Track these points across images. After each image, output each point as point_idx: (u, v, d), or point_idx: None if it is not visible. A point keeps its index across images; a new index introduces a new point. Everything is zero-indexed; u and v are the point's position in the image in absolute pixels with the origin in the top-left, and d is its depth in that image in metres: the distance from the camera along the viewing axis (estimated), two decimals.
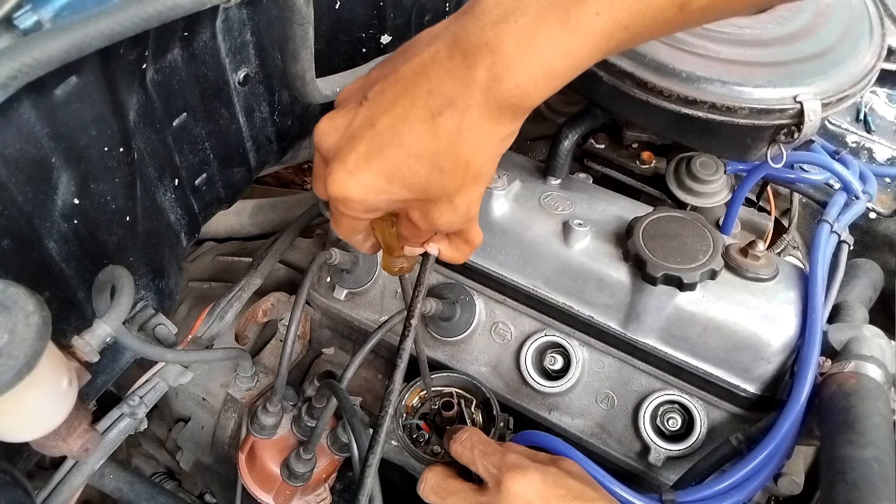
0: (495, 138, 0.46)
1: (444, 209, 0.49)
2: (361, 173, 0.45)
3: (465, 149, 0.45)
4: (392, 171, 0.45)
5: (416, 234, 0.54)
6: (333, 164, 0.46)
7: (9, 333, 0.42)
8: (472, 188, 0.48)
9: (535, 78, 0.43)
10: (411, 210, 0.50)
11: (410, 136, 0.44)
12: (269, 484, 0.90)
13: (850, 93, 0.75)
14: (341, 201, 0.47)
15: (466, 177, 0.46)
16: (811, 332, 0.72)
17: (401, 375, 0.65)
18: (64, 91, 0.55)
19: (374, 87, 0.46)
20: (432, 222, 0.50)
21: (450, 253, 0.58)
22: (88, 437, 0.55)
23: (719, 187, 0.89)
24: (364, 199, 0.46)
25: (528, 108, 0.45)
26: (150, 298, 0.80)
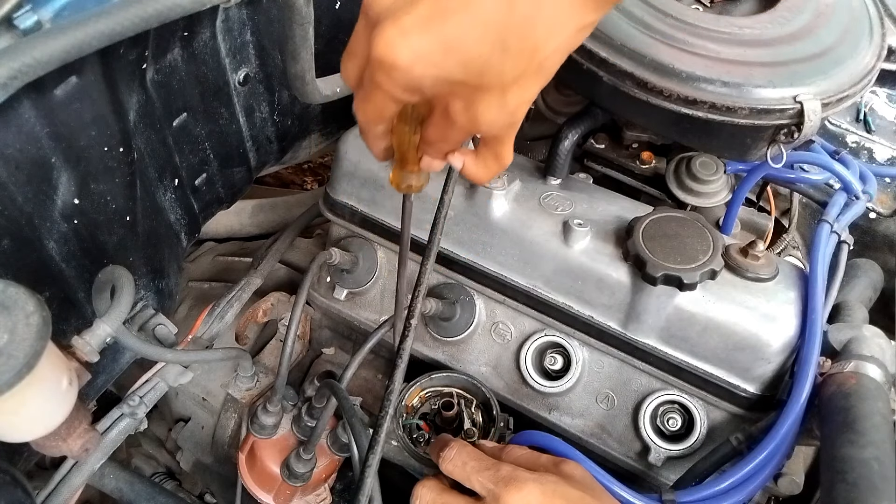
0: (572, 25, 0.42)
1: (492, 102, 0.44)
2: (417, 36, 0.41)
3: (538, 28, 0.41)
4: (452, 40, 0.41)
5: (445, 135, 0.49)
6: (385, 23, 0.41)
7: (9, 333, 0.42)
8: (530, 82, 0.44)
9: None
10: (453, 100, 0.45)
11: (483, 4, 0.40)
12: (269, 484, 0.90)
13: (850, 93, 0.75)
14: (385, 67, 0.42)
15: (530, 64, 0.43)
16: (811, 332, 0.72)
17: (401, 375, 0.65)
18: (64, 91, 0.55)
19: None
20: (475, 117, 0.45)
21: (475, 169, 0.53)
22: (88, 437, 0.55)
23: (719, 187, 0.89)
24: (411, 68, 0.41)
25: None
26: (150, 298, 0.80)
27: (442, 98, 0.46)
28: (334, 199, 0.90)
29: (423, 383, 0.87)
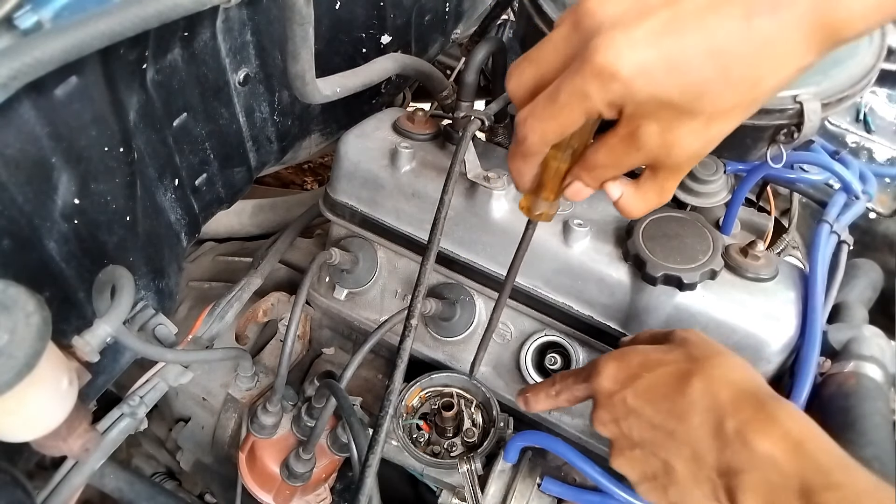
0: (797, 61, 0.41)
1: (694, 129, 0.43)
2: (645, 49, 0.40)
3: (765, 62, 0.41)
4: (679, 59, 0.40)
5: (619, 160, 0.46)
6: (613, 31, 0.40)
7: (9, 333, 0.42)
8: (738, 114, 0.43)
9: (865, 7, 0.40)
10: (649, 122, 0.43)
11: (717, 28, 0.40)
12: (269, 484, 0.90)
13: (850, 93, 0.75)
14: (604, 77, 0.41)
15: (746, 97, 0.42)
16: (811, 332, 0.72)
17: (401, 375, 0.65)
18: (64, 91, 0.55)
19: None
20: (671, 142, 0.44)
21: (633, 201, 0.51)
22: (88, 437, 0.55)
23: (719, 187, 0.89)
24: (632, 80, 0.40)
25: (841, 40, 0.41)
26: (151, 298, 0.80)
27: (636, 118, 0.44)
28: (334, 199, 0.90)
29: (423, 383, 0.87)
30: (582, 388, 0.65)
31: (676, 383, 0.56)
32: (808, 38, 0.41)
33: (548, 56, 0.44)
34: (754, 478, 0.49)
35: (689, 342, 0.61)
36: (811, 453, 0.48)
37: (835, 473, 0.47)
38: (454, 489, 0.80)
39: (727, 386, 0.54)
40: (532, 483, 0.77)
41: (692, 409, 0.54)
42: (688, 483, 0.54)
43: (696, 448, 0.53)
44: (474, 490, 0.76)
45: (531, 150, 0.48)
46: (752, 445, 0.50)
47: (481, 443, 0.82)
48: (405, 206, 0.85)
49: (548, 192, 0.53)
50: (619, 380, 0.59)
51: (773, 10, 0.40)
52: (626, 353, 0.62)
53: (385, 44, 1.02)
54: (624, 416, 0.58)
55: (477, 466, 0.77)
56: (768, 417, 0.51)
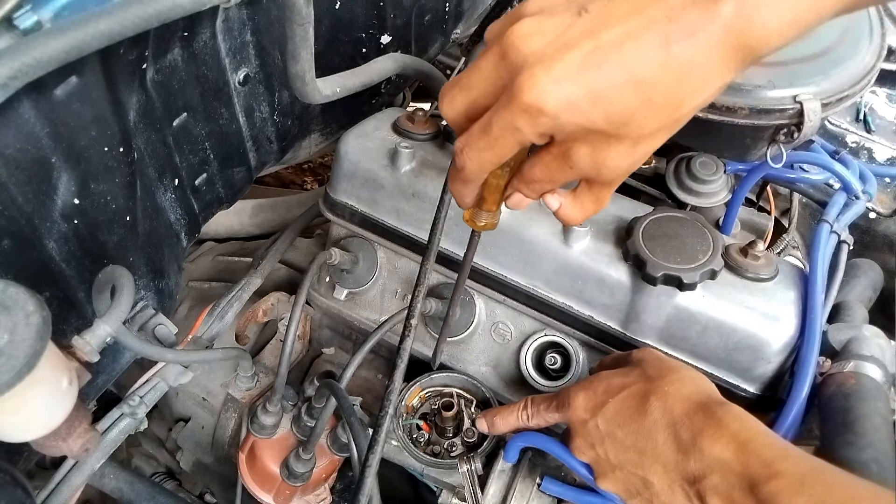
0: (717, 82, 0.43)
1: (622, 151, 0.45)
2: (569, 84, 0.41)
3: (685, 86, 0.42)
4: (602, 91, 0.41)
5: (554, 176, 0.48)
6: (536, 68, 0.41)
7: (9, 333, 0.42)
8: (663, 134, 0.45)
9: (780, 23, 0.40)
10: (580, 144, 0.45)
11: (637, 59, 0.41)
12: (269, 484, 0.90)
13: (850, 93, 0.75)
14: (531, 113, 0.42)
15: (669, 119, 0.43)
16: (810, 331, 0.72)
17: (401, 375, 0.65)
18: (64, 91, 0.55)
19: (594, 1, 0.43)
20: (600, 163, 0.45)
21: (571, 210, 0.53)
22: (88, 437, 0.55)
23: (719, 187, 0.89)
24: (558, 114, 0.42)
25: (759, 57, 0.42)
26: (150, 298, 0.80)
27: (567, 142, 0.45)
28: (334, 199, 0.90)
29: (423, 383, 0.87)
30: (555, 416, 0.70)
31: (637, 405, 0.62)
32: (725, 60, 0.42)
33: (477, 84, 0.46)
34: (714, 480, 0.55)
35: (644, 362, 0.67)
36: (755, 450, 0.54)
37: (776, 464, 0.52)
38: (454, 489, 0.80)
39: (681, 401, 0.60)
40: (532, 483, 0.77)
41: (654, 428, 0.60)
42: (666, 494, 0.60)
43: (664, 463, 0.59)
44: (474, 490, 0.76)
45: (470, 177, 0.50)
46: (706, 451, 0.56)
47: (481, 443, 0.82)
48: (405, 206, 0.85)
49: (489, 205, 0.55)
50: (588, 408, 0.65)
51: (690, 36, 0.40)
52: (592, 382, 0.67)
53: (385, 44, 1.02)
54: (599, 441, 0.64)
55: (477, 466, 0.77)
56: (717, 424, 0.57)
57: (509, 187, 0.53)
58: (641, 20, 0.41)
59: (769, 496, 0.51)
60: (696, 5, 0.40)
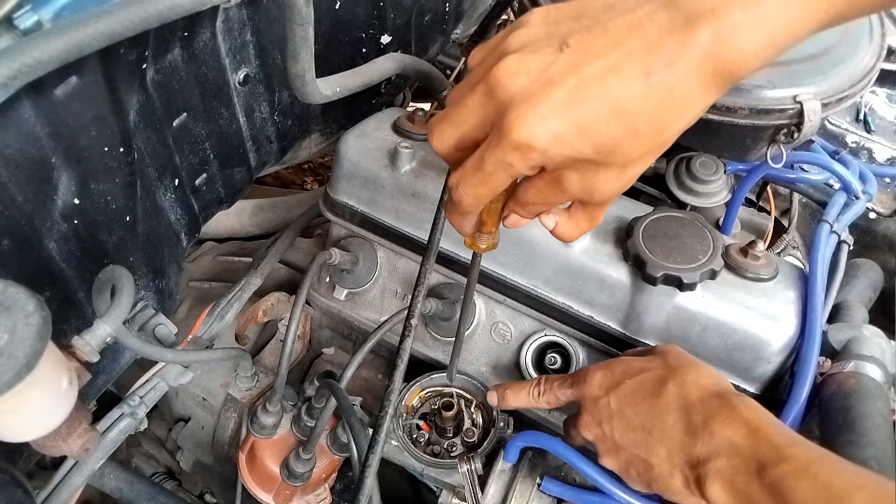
0: (698, 105, 0.44)
1: (611, 176, 0.46)
2: (556, 121, 0.42)
3: (668, 113, 0.43)
4: (589, 124, 0.43)
5: (547, 200, 0.50)
6: (523, 106, 0.43)
7: (9, 333, 0.42)
8: (649, 158, 0.46)
9: (757, 47, 0.41)
10: (570, 172, 0.46)
11: (620, 91, 0.42)
12: (269, 484, 0.90)
13: (850, 93, 0.75)
14: (522, 149, 0.44)
15: (655, 144, 0.45)
16: (810, 331, 0.72)
17: (401, 375, 0.65)
18: (64, 91, 0.55)
19: (573, 35, 0.44)
20: (590, 188, 0.47)
21: (566, 228, 0.55)
22: (88, 437, 0.55)
23: (719, 187, 0.89)
24: (548, 149, 0.43)
25: (738, 79, 0.43)
26: (150, 298, 0.80)
27: (558, 171, 0.47)
28: (334, 199, 0.90)
29: (423, 383, 0.87)
30: (568, 392, 0.71)
31: (654, 387, 0.64)
32: (705, 85, 0.43)
33: (465, 119, 0.47)
34: (719, 464, 0.56)
35: (667, 353, 0.69)
36: (767, 436, 0.56)
37: (786, 449, 0.54)
38: (454, 489, 0.80)
39: (697, 388, 0.62)
40: (532, 483, 0.77)
41: (667, 410, 0.62)
42: (664, 478, 0.61)
43: (669, 446, 0.61)
44: (474, 490, 0.76)
45: (468, 210, 0.52)
46: (717, 434, 0.58)
47: (481, 443, 0.82)
48: (405, 206, 0.85)
49: (489, 227, 0.56)
50: (604, 385, 0.67)
51: (670, 65, 0.42)
52: (611, 363, 0.70)
53: (385, 44, 1.02)
54: (607, 418, 0.65)
55: (477, 466, 0.77)
56: (731, 410, 0.59)
57: (506, 209, 0.55)
58: (621, 53, 0.42)
59: (776, 479, 0.52)
60: (673, 35, 0.41)
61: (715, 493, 0.56)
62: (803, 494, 0.50)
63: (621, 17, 0.43)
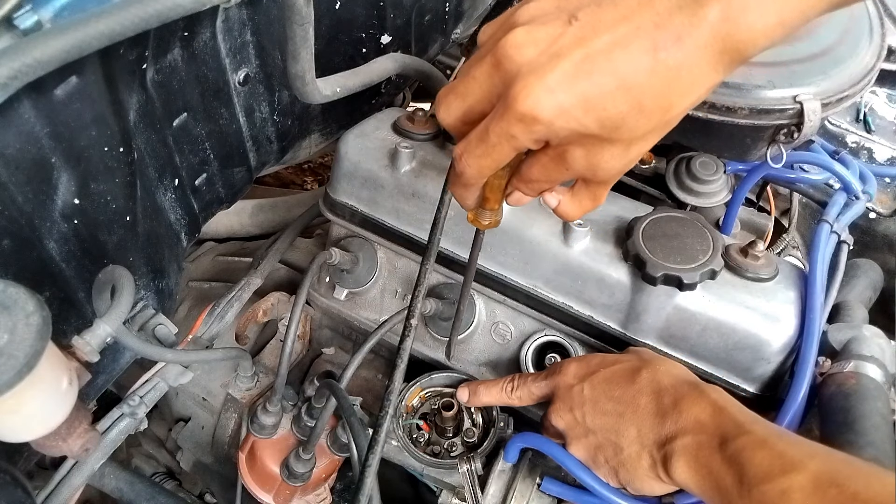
0: (706, 84, 0.44)
1: (615, 153, 0.46)
2: (562, 93, 0.42)
3: (675, 90, 0.43)
4: (594, 98, 0.42)
5: (551, 176, 0.50)
6: (530, 78, 0.43)
7: (9, 333, 0.42)
8: (655, 135, 0.46)
9: (766, 25, 0.41)
10: (575, 147, 0.46)
11: (627, 66, 0.42)
12: (269, 484, 0.90)
13: (850, 93, 0.75)
14: (527, 121, 0.43)
15: (660, 122, 0.44)
16: (810, 331, 0.72)
17: (401, 375, 0.65)
18: (64, 91, 0.55)
19: (582, 9, 0.43)
20: (595, 165, 0.47)
21: (569, 207, 0.55)
22: (88, 437, 0.55)
23: (719, 187, 0.89)
24: (553, 121, 0.43)
25: (747, 58, 0.43)
26: (150, 298, 0.80)
27: (562, 146, 0.47)
28: (334, 199, 0.90)
29: (423, 383, 0.87)
30: (542, 384, 0.74)
31: (629, 375, 0.67)
32: (713, 63, 0.43)
33: (473, 91, 0.47)
34: (685, 441, 0.60)
35: (641, 351, 0.74)
36: (731, 414, 0.60)
37: (747, 425, 0.58)
38: (454, 489, 0.80)
39: (669, 376, 0.66)
40: (532, 483, 0.77)
41: (640, 393, 0.65)
42: (633, 460, 0.64)
43: (640, 427, 0.64)
44: (474, 490, 0.76)
45: (470, 182, 0.51)
46: (685, 412, 0.62)
47: (481, 443, 0.82)
48: (405, 206, 0.85)
49: (492, 204, 0.56)
50: (578, 375, 0.71)
51: (678, 41, 0.41)
52: (586, 356, 0.74)
53: (385, 44, 1.02)
54: (579, 405, 0.69)
55: (477, 466, 0.77)
56: (700, 393, 0.63)
57: (509, 186, 0.54)
58: (630, 27, 0.42)
59: (735, 451, 0.55)
60: (683, 10, 0.41)
61: (680, 469, 0.59)
62: (760, 462, 0.53)
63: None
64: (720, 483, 0.56)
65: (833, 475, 0.50)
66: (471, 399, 0.79)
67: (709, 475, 0.57)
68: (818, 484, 0.50)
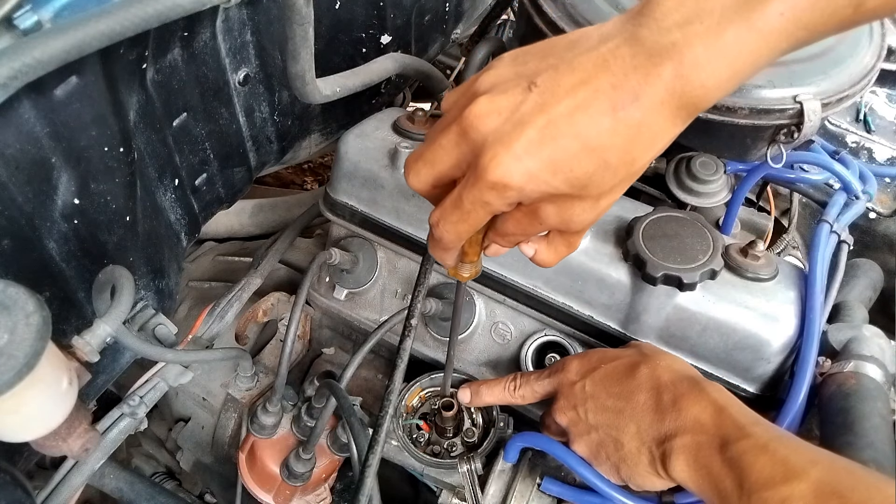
0: (666, 137, 0.45)
1: (586, 206, 0.48)
2: (529, 160, 0.44)
3: (637, 145, 0.44)
4: (561, 162, 0.44)
5: (526, 230, 0.51)
6: (497, 147, 0.44)
7: (9, 333, 0.42)
8: (622, 186, 0.47)
9: (720, 79, 0.43)
10: (547, 204, 0.48)
11: (589, 128, 0.43)
12: (269, 484, 0.90)
13: (850, 93, 0.75)
14: (499, 188, 0.45)
15: (627, 175, 0.46)
16: (810, 331, 0.72)
17: (401, 375, 0.65)
18: (64, 91, 0.55)
19: (540, 74, 0.45)
20: (567, 219, 0.48)
21: (546, 255, 0.56)
22: (88, 437, 0.55)
23: (719, 187, 0.89)
24: (523, 187, 0.45)
25: (703, 108, 0.45)
26: (150, 298, 0.80)
27: (535, 204, 0.48)
28: (334, 199, 0.90)
29: (423, 383, 0.87)
30: (545, 382, 0.74)
31: (628, 370, 0.68)
32: (671, 118, 0.44)
33: (441, 159, 0.48)
34: (685, 440, 0.60)
35: (642, 345, 0.74)
36: (731, 415, 0.59)
37: (748, 427, 0.57)
38: (454, 489, 0.80)
39: (669, 372, 0.66)
40: (532, 483, 0.77)
41: (639, 389, 0.65)
42: (633, 456, 0.64)
43: (639, 423, 0.64)
44: (474, 490, 0.76)
45: (449, 246, 0.53)
46: (685, 411, 0.61)
47: (481, 443, 0.82)
48: (405, 206, 0.85)
49: (471, 257, 0.58)
50: (580, 371, 0.71)
51: (635, 100, 0.43)
52: (588, 353, 0.74)
53: (385, 44, 1.02)
54: (582, 401, 0.69)
55: (477, 466, 0.77)
56: (700, 391, 0.63)
57: (486, 240, 0.56)
58: (588, 90, 0.43)
59: (736, 454, 0.55)
60: (638, 70, 0.43)
61: (678, 468, 0.60)
62: (761, 468, 0.53)
63: (586, 55, 0.44)
64: (719, 485, 0.56)
65: (835, 485, 0.50)
66: (473, 399, 0.79)
67: (708, 476, 0.57)
68: (819, 493, 0.50)
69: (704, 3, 0.42)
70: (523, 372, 0.77)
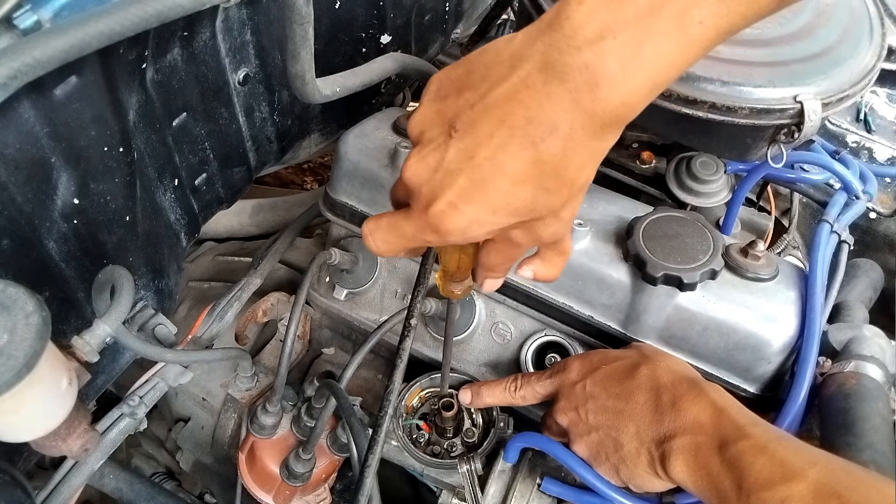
0: (598, 153, 0.45)
1: (549, 222, 0.48)
2: (466, 206, 0.44)
3: (570, 168, 0.44)
4: (496, 201, 0.44)
5: (508, 257, 0.52)
6: (434, 200, 0.45)
7: (9, 333, 0.42)
8: (577, 199, 0.48)
9: (640, 93, 0.42)
10: (512, 230, 0.48)
11: (513, 166, 0.43)
12: (268, 484, 0.90)
13: (851, 92, 0.75)
14: (442, 233, 0.46)
15: (571, 191, 0.46)
16: (810, 331, 0.72)
17: (400, 375, 0.65)
18: (64, 91, 0.55)
19: (459, 117, 0.45)
20: (537, 237, 0.49)
21: (544, 269, 0.57)
22: (88, 437, 0.55)
23: (719, 187, 0.89)
24: (465, 231, 0.46)
25: (630, 119, 0.44)
26: (150, 298, 0.80)
27: (500, 234, 0.49)
28: (334, 199, 0.90)
29: (422, 383, 0.87)
30: (546, 383, 0.74)
31: (628, 371, 0.68)
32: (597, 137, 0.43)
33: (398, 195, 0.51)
34: (684, 441, 0.60)
35: (643, 346, 0.75)
36: (731, 416, 0.60)
37: (747, 428, 0.58)
38: (454, 489, 0.80)
39: (669, 373, 0.66)
40: (532, 483, 0.77)
41: (638, 390, 0.66)
42: (632, 457, 0.64)
43: (639, 424, 0.64)
44: (474, 490, 0.76)
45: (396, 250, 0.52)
46: (684, 412, 0.62)
47: (481, 443, 0.82)
48: None
49: (460, 276, 0.59)
50: (581, 372, 0.71)
51: (554, 131, 0.42)
52: (589, 353, 0.75)
53: (385, 44, 1.02)
54: (582, 402, 0.69)
55: (477, 466, 0.77)
56: (699, 392, 0.63)
57: (477, 277, 0.57)
58: (505, 130, 0.43)
59: (735, 455, 0.56)
60: (552, 99, 0.41)
61: (677, 468, 0.60)
62: (760, 469, 0.54)
63: (498, 89, 0.43)
64: (718, 486, 0.56)
65: (833, 485, 0.50)
66: (474, 400, 0.79)
67: (707, 477, 0.57)
68: (818, 494, 0.50)
69: (617, 14, 0.40)
70: (524, 373, 0.77)
